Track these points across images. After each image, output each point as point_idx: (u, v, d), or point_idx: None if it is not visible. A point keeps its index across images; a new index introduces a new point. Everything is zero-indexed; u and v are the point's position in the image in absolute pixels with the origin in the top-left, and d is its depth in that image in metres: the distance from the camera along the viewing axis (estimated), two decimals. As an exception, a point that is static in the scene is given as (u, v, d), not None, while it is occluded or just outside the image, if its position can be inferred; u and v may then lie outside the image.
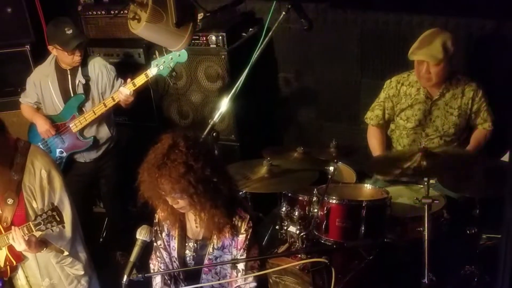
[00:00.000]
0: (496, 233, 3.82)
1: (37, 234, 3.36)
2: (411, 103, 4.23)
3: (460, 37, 4.38)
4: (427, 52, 3.98)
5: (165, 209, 2.94)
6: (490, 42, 4.49)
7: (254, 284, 2.95)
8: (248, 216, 2.92)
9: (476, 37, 4.51)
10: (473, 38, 4.52)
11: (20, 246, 3.36)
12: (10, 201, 3.44)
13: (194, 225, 2.99)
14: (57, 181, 3.54)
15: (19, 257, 3.63)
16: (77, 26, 4.66)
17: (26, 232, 3.31)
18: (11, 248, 3.56)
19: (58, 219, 3.26)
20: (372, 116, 4.43)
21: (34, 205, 3.49)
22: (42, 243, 3.48)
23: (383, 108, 4.36)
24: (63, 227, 3.37)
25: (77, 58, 4.54)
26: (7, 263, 3.64)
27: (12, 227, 3.37)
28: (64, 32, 4.43)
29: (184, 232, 3.04)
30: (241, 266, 2.92)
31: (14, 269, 3.72)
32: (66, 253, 3.61)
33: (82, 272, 3.77)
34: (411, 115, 4.26)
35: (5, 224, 3.49)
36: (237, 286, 2.97)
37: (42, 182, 3.47)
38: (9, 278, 3.82)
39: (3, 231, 3.50)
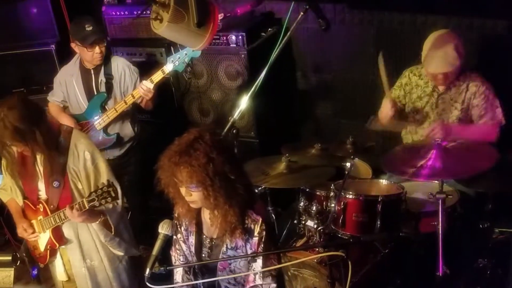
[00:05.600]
0: (508, 227, 3.82)
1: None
2: (420, 94, 4.28)
3: (473, 37, 4.45)
4: (442, 62, 3.98)
5: (183, 205, 2.95)
6: (503, 42, 4.53)
7: (274, 285, 2.92)
8: (261, 219, 2.88)
9: (488, 37, 4.54)
10: (486, 38, 4.55)
11: (77, 219, 3.46)
12: (56, 183, 3.55)
13: (209, 223, 2.98)
14: (101, 161, 3.65)
15: (61, 240, 3.73)
16: (98, 24, 4.70)
17: (78, 209, 3.38)
18: (55, 230, 3.66)
19: (113, 195, 3.33)
20: (395, 93, 4.38)
21: (79, 186, 3.59)
22: (98, 213, 3.57)
23: (399, 93, 4.37)
24: (117, 203, 3.48)
25: (96, 55, 4.58)
26: (48, 247, 3.72)
27: (67, 206, 3.44)
28: (84, 29, 4.51)
29: (201, 230, 3.06)
30: (258, 268, 2.90)
31: (53, 254, 3.80)
32: (113, 232, 3.68)
33: (123, 253, 3.87)
34: (420, 107, 4.29)
35: (52, 206, 3.59)
36: (254, 286, 2.96)
37: (86, 164, 3.57)
38: (45, 266, 3.92)
39: (49, 213, 3.60)
